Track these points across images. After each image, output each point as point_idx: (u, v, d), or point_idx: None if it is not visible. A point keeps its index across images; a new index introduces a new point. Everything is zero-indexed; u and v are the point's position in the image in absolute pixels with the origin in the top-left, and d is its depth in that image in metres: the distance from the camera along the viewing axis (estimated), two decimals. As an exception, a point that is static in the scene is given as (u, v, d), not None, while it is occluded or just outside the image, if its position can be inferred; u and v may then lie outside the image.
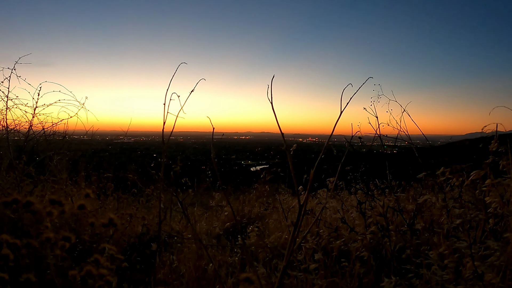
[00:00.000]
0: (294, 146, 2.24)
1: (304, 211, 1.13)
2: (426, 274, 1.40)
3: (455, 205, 1.79)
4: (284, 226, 2.56)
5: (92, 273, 0.92)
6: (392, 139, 2.35)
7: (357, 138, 2.28)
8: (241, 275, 0.93)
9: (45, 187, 2.66)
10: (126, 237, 2.42)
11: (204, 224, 3.23)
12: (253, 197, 4.27)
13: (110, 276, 0.95)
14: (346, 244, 1.93)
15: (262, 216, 3.61)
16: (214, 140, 1.46)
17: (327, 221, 2.29)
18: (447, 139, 4.15)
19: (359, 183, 3.25)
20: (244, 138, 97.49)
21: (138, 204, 3.54)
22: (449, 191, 2.03)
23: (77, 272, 0.90)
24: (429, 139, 2.83)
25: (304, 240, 1.84)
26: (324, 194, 3.32)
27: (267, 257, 2.05)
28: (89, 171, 3.51)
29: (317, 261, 1.70)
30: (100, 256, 0.96)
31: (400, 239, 1.92)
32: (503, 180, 1.47)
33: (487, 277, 1.22)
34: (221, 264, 1.96)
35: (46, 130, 3.32)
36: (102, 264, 0.97)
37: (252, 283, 0.93)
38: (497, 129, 1.58)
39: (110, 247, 1.09)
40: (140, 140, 10.84)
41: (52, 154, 3.19)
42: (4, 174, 2.66)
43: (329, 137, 1.36)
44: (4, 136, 2.74)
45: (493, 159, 1.53)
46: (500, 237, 1.55)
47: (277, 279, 1.23)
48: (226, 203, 3.94)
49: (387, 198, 2.18)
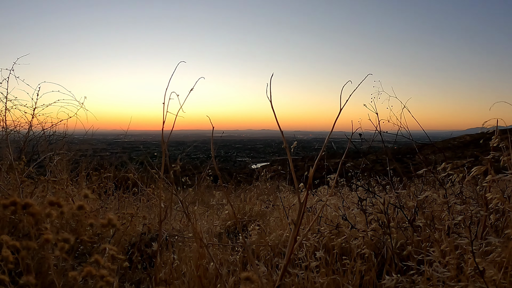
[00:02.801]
0: (294, 143, 2.24)
1: (305, 209, 1.13)
2: (427, 271, 1.40)
3: (456, 201, 1.79)
4: (285, 224, 2.56)
5: (93, 274, 0.92)
6: (393, 135, 2.35)
7: (357, 135, 2.27)
8: (242, 274, 0.93)
9: (45, 187, 2.66)
10: (127, 236, 2.43)
11: (205, 223, 3.24)
12: (254, 195, 4.27)
13: (110, 277, 0.95)
14: (347, 242, 1.93)
15: (263, 214, 3.61)
16: (214, 138, 1.46)
17: (328, 218, 2.29)
18: (448, 134, 4.15)
19: (360, 179, 3.25)
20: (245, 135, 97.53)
21: (139, 203, 3.55)
22: (450, 187, 2.03)
23: (77, 273, 0.90)
24: (430, 134, 2.82)
25: (305, 238, 1.84)
26: (324, 191, 3.32)
27: (268, 255, 2.05)
28: (89, 171, 3.51)
29: (318, 259, 1.70)
30: (100, 256, 0.96)
31: (401, 236, 1.92)
32: (504, 176, 1.46)
33: (488, 274, 1.21)
34: (222, 263, 1.96)
35: (46, 131, 3.33)
36: (102, 265, 0.97)
37: (253, 282, 0.93)
38: (497, 125, 1.57)
39: (111, 248, 1.09)
40: (141, 140, 10.86)
41: (52, 155, 3.19)
42: (4, 175, 2.67)
43: (329, 134, 1.35)
44: (4, 137, 2.74)
45: (494, 154, 1.52)
46: (502, 233, 1.54)
47: (278, 277, 1.23)
48: (227, 201, 3.94)
49: (388, 195, 2.18)
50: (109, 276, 0.95)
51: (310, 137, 43.08)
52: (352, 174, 3.25)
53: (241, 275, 0.92)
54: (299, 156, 9.56)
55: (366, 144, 2.40)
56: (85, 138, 3.71)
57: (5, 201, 0.82)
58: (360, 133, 2.12)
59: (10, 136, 2.86)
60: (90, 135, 3.63)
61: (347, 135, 1.75)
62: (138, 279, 2.06)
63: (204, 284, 1.74)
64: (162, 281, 1.71)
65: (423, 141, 2.67)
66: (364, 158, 2.51)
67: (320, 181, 3.38)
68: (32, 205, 0.82)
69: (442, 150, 2.47)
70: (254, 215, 3.57)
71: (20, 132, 3.17)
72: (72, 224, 2.28)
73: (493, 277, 1.20)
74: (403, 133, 2.32)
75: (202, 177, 4.35)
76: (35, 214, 0.82)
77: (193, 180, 4.43)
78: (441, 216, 1.87)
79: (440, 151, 2.47)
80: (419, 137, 2.55)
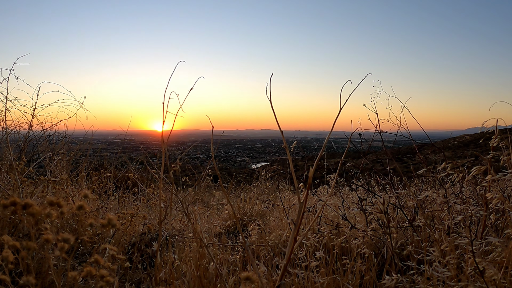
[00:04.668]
0: (294, 143, 2.24)
1: (305, 209, 1.12)
2: (427, 271, 1.40)
3: (456, 201, 1.79)
4: (285, 224, 2.56)
5: (93, 274, 0.92)
6: (393, 135, 2.34)
7: (357, 135, 2.27)
8: (242, 274, 0.93)
9: (46, 188, 2.66)
10: (127, 236, 2.43)
11: (205, 223, 3.24)
12: (254, 195, 4.27)
13: (110, 277, 0.95)
14: (347, 241, 1.93)
15: (263, 214, 3.61)
16: (214, 138, 1.46)
17: (328, 218, 2.29)
18: (448, 134, 4.16)
19: (359, 179, 3.25)
20: (245, 135, 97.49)
21: (139, 203, 3.55)
22: (450, 186, 2.03)
23: (77, 273, 0.90)
24: (430, 134, 2.82)
25: (305, 237, 1.84)
26: (325, 191, 3.32)
27: (268, 255, 2.05)
28: (89, 171, 3.51)
29: (318, 258, 1.70)
30: (100, 256, 0.96)
31: (401, 236, 1.92)
32: (503, 176, 1.46)
33: (488, 274, 1.21)
34: (222, 263, 1.96)
35: (46, 131, 3.33)
36: (102, 265, 0.97)
37: (253, 282, 0.93)
38: (497, 124, 1.57)
39: (111, 248, 1.09)
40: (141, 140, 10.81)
41: (52, 155, 3.20)
42: (4, 175, 2.67)
43: (328, 134, 1.35)
44: (4, 137, 2.74)
45: (494, 154, 1.52)
46: (502, 233, 1.54)
47: (278, 277, 1.23)
48: (227, 201, 3.94)
49: (388, 195, 2.18)
50: (109, 276, 0.95)
51: (310, 137, 43.14)
52: (352, 174, 3.25)
53: (241, 275, 0.92)
54: (299, 156, 9.55)
55: (366, 144, 2.40)
56: (85, 138, 3.71)
57: (5, 201, 0.82)
58: (360, 133, 2.12)
59: (10, 136, 2.86)
60: (90, 135, 3.63)
61: (347, 135, 1.76)
62: (138, 279, 2.06)
63: (204, 284, 1.74)
64: (162, 281, 1.71)
65: (423, 141, 2.68)
66: (364, 158, 2.51)
67: (320, 181, 3.38)
68: (32, 205, 0.82)
69: (442, 150, 2.47)
70: (254, 215, 3.57)
71: (20, 132, 3.17)
72: (72, 224, 2.28)
73: (493, 277, 1.20)
74: (403, 133, 2.32)
75: (202, 177, 4.35)
76: (35, 214, 0.82)
77: (193, 180, 4.43)
78: (441, 216, 1.87)
79: (440, 151, 2.47)
80: (419, 137, 2.55)
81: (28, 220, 0.89)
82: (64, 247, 0.83)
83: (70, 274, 0.84)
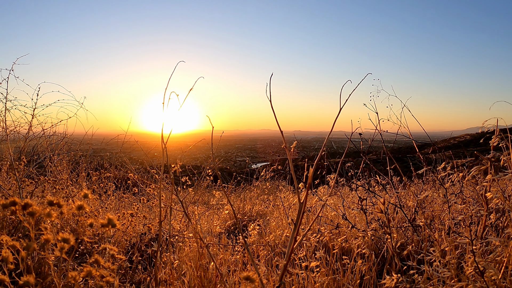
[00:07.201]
0: (294, 143, 2.24)
1: (305, 209, 1.12)
2: (427, 271, 1.40)
3: (457, 200, 1.79)
4: (285, 224, 2.56)
5: (93, 274, 0.92)
6: (393, 134, 2.34)
7: (357, 134, 2.27)
8: (242, 274, 0.93)
9: (46, 188, 2.66)
10: (128, 236, 2.43)
11: (205, 223, 3.24)
12: (254, 195, 4.27)
13: (110, 277, 0.95)
14: (347, 241, 1.93)
15: (263, 214, 3.61)
16: (214, 138, 1.46)
17: (328, 218, 2.29)
18: (448, 134, 4.15)
19: (360, 179, 3.25)
20: (245, 136, 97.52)
21: (139, 203, 3.55)
22: (450, 186, 2.03)
23: (77, 273, 0.90)
24: (430, 134, 2.82)
25: (305, 237, 1.84)
26: (325, 190, 3.32)
27: (268, 255, 2.05)
28: (89, 171, 3.51)
29: (318, 258, 1.70)
30: (100, 257, 0.96)
31: (401, 236, 1.92)
32: (504, 175, 1.46)
33: (488, 273, 1.21)
34: (222, 263, 1.96)
35: (46, 131, 3.32)
36: (102, 265, 0.97)
37: (253, 282, 0.93)
38: (497, 124, 1.57)
39: (111, 248, 1.09)
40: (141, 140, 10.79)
41: (52, 155, 3.19)
42: (4, 175, 2.67)
43: (328, 134, 1.35)
44: (4, 138, 2.74)
45: (494, 154, 1.52)
46: (502, 232, 1.54)
47: (278, 277, 1.23)
48: (227, 201, 3.94)
49: (388, 194, 2.18)
50: (109, 276, 0.95)
51: (310, 137, 43.15)
52: (352, 174, 3.25)
53: (241, 275, 0.92)
54: (299, 156, 9.56)
55: (366, 143, 2.39)
56: (85, 138, 3.71)
57: (5, 201, 0.82)
58: (360, 132, 2.12)
59: (10, 136, 2.86)
60: (90, 135, 3.62)
61: (347, 135, 1.76)
62: (138, 279, 2.06)
63: (204, 284, 1.74)
64: (163, 281, 1.70)
65: (423, 140, 2.67)
66: (364, 157, 2.51)
67: (320, 180, 3.38)
68: (32, 205, 0.82)
69: (442, 150, 2.46)
70: (254, 215, 3.57)
71: (20, 133, 3.17)
72: (72, 224, 2.28)
73: (493, 276, 1.20)
74: (403, 132, 2.32)
75: (202, 177, 4.34)
76: (35, 214, 0.82)
77: (193, 180, 4.42)
78: (441, 215, 1.87)
79: (440, 150, 2.47)
80: (419, 137, 2.54)
81: (28, 220, 0.89)
82: (64, 247, 0.83)
83: (70, 274, 0.84)
